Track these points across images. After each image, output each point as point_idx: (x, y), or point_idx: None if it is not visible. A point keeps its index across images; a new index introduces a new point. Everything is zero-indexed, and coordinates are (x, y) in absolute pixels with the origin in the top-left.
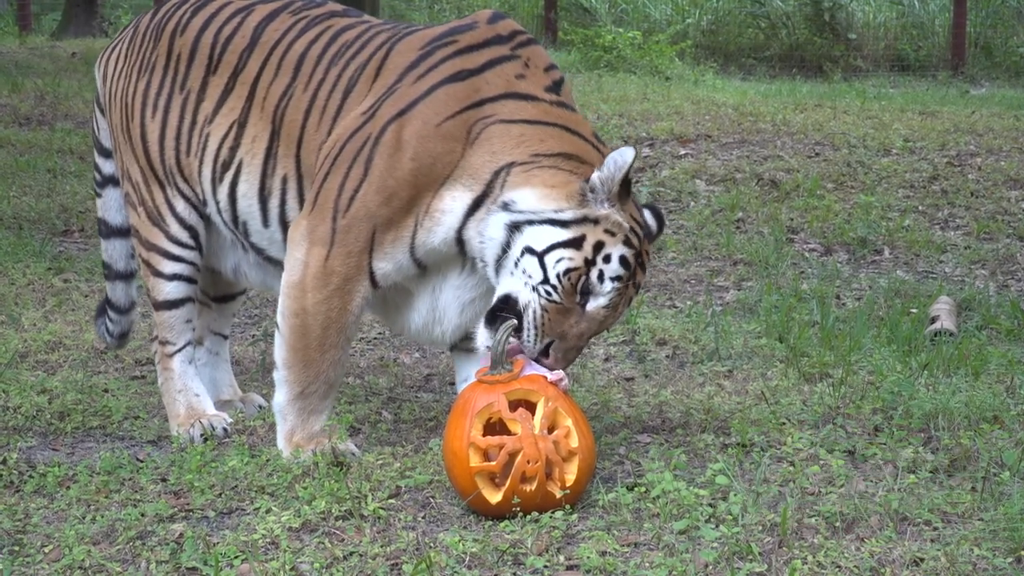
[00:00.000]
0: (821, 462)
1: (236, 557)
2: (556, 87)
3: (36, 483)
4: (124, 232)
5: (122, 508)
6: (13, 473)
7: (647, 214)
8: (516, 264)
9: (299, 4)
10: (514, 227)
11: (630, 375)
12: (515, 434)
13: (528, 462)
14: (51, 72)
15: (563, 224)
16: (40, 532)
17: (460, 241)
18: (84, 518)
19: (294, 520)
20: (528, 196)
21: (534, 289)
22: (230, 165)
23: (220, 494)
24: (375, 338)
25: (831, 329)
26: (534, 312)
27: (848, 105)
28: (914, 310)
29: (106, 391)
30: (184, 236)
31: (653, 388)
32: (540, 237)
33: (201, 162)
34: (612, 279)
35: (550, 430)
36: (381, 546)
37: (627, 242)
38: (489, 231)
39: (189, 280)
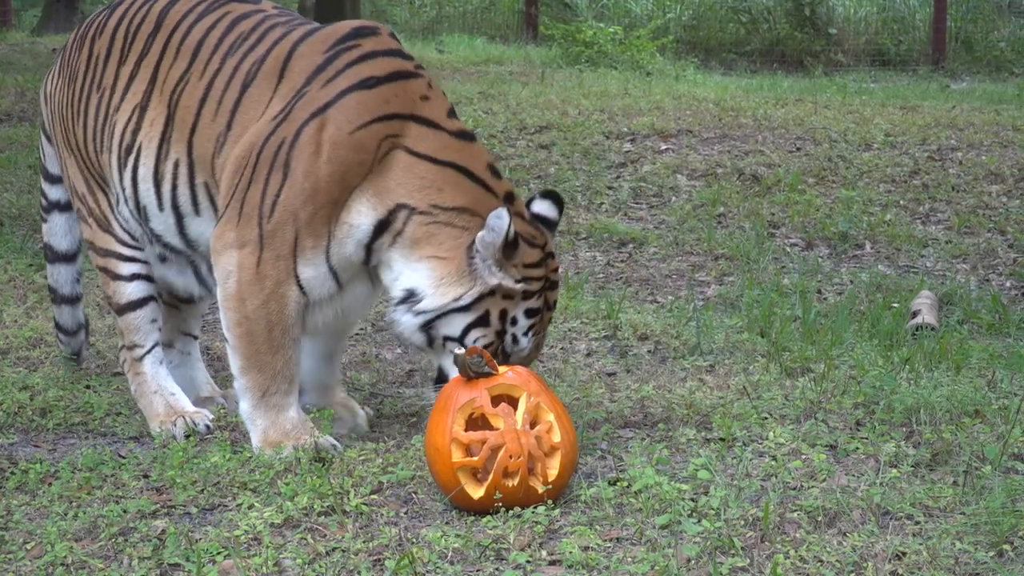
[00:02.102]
0: (803, 456)
1: (218, 553)
2: (453, 113)
3: (18, 480)
4: (69, 258)
5: (104, 504)
6: None
7: (543, 205)
8: (444, 346)
9: None
10: (427, 325)
11: (612, 370)
12: (497, 429)
13: (510, 457)
14: (31, 68)
15: (466, 308)
16: (22, 529)
17: (369, 251)
18: (66, 515)
19: (276, 516)
20: (426, 285)
21: None
22: (132, 149)
23: (202, 490)
24: (356, 334)
25: (813, 324)
26: None
27: (829, 100)
28: (895, 304)
29: (88, 387)
30: (130, 239)
31: (635, 383)
32: (453, 326)
33: (110, 151)
34: (525, 333)
35: (532, 425)
36: (363, 542)
37: (526, 294)
38: (408, 334)
39: (148, 278)
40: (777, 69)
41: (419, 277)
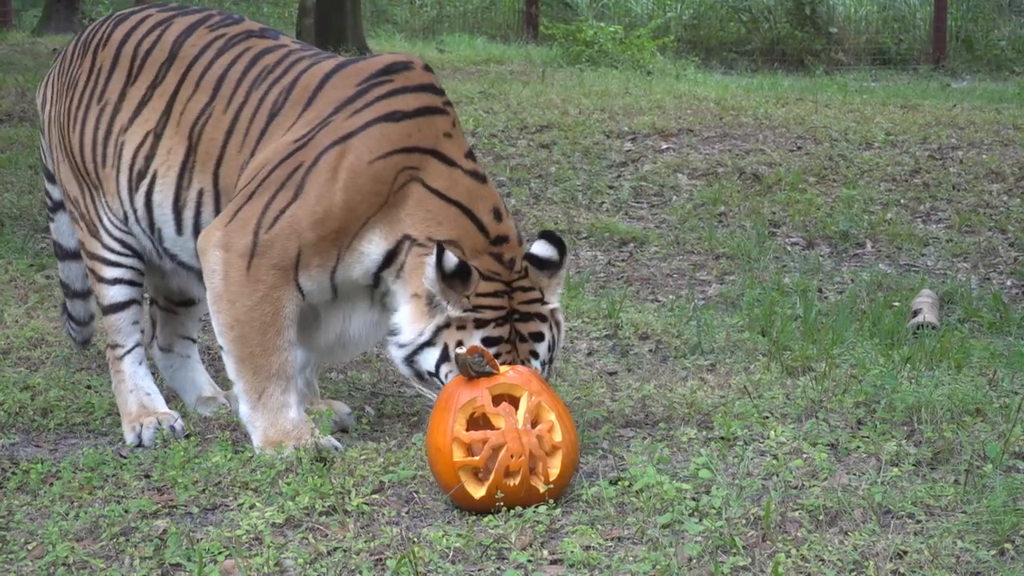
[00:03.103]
0: (804, 455)
1: (220, 553)
2: (471, 154)
3: (19, 480)
4: (78, 255)
5: (105, 504)
6: None
7: (541, 247)
8: (427, 379)
9: (216, 20)
10: (410, 359)
11: (613, 369)
12: (498, 429)
13: (512, 456)
14: (32, 69)
15: (430, 343)
16: (23, 529)
17: (377, 278)
18: (67, 515)
19: (278, 516)
20: (403, 322)
21: None
22: (145, 174)
23: (204, 490)
24: None
25: (814, 323)
26: None
27: (830, 99)
28: (896, 303)
29: (89, 387)
30: (117, 246)
31: (636, 382)
32: (427, 360)
33: (117, 171)
34: None
35: (533, 424)
36: (365, 541)
37: (479, 323)
38: (400, 368)
39: (131, 283)
40: (778, 68)
41: (403, 312)
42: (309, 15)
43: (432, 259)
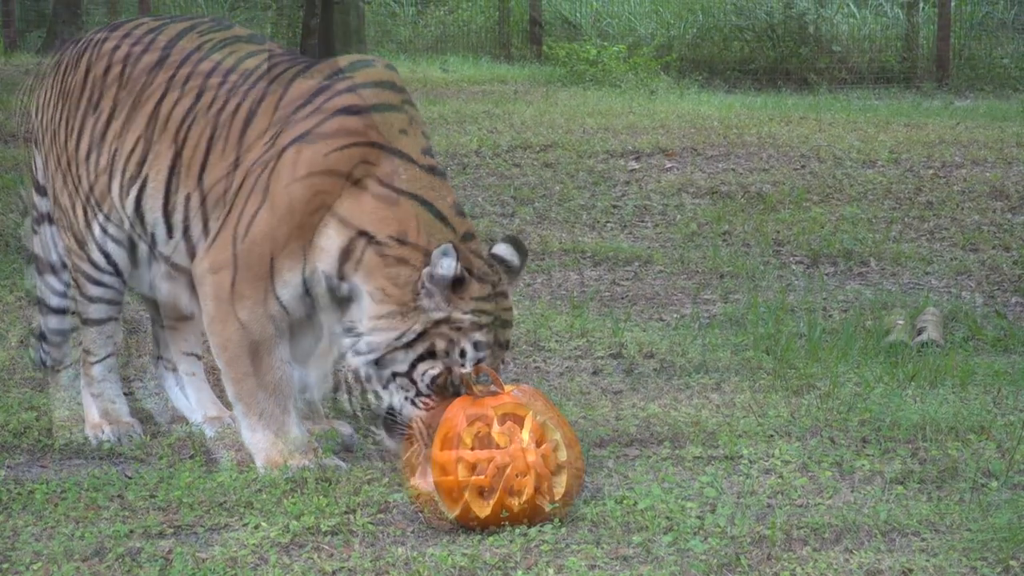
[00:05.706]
0: (809, 474)
1: (225, 573)
2: (429, 151)
3: (25, 500)
4: (59, 269)
5: (111, 525)
6: (1, 491)
7: (504, 249)
8: (393, 381)
9: (206, 25)
10: (374, 363)
11: (618, 388)
12: (503, 448)
13: (516, 475)
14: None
15: (412, 344)
16: (29, 549)
17: (340, 276)
18: (73, 535)
19: (283, 535)
20: (366, 323)
21: (412, 402)
22: (136, 179)
23: (209, 510)
24: None
25: (818, 341)
26: (420, 421)
27: (833, 117)
28: (900, 322)
29: None
30: (102, 261)
31: (641, 401)
32: (400, 362)
33: (111, 177)
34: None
35: (538, 443)
36: (370, 561)
37: (476, 325)
38: (359, 371)
39: (110, 302)
40: (781, 87)
41: (362, 312)
42: (313, 35)
43: (446, 260)
